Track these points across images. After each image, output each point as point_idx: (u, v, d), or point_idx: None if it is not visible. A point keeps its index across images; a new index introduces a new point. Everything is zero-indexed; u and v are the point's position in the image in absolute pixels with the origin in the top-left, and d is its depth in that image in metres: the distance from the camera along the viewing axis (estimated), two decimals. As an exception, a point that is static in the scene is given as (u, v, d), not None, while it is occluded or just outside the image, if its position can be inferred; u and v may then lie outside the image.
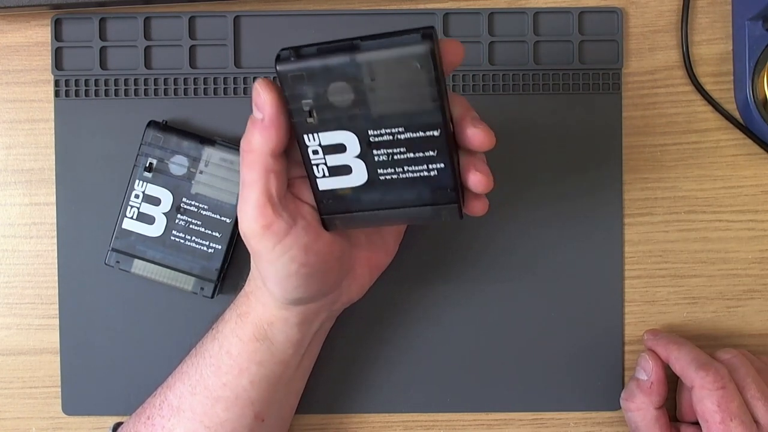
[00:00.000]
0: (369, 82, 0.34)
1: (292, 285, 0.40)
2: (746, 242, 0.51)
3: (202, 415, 0.43)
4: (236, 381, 0.43)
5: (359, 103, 0.35)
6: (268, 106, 0.36)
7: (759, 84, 0.49)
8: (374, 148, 0.36)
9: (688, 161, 0.51)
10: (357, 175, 0.37)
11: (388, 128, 0.36)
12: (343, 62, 0.34)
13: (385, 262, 0.46)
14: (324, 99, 0.35)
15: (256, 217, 0.38)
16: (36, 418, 0.51)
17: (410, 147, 0.36)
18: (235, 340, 0.43)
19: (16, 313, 0.51)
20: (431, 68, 0.34)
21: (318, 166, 0.37)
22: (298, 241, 0.39)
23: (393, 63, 0.34)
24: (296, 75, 0.35)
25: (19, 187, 0.51)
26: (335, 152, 0.37)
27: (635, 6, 0.51)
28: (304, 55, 0.35)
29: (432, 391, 0.51)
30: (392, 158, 0.37)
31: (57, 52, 0.50)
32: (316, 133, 0.36)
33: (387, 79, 0.34)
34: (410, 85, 0.34)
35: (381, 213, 0.39)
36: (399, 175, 0.37)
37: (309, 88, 0.35)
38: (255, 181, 0.37)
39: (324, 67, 0.34)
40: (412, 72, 0.34)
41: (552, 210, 0.50)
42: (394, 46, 0.34)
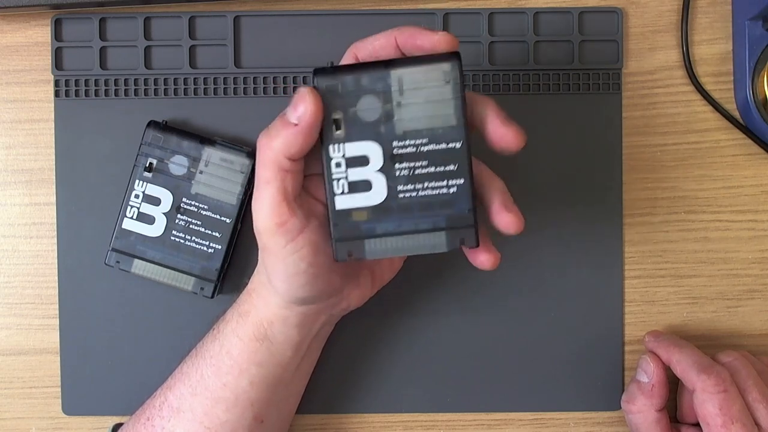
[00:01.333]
0: (398, 96, 0.37)
1: (299, 283, 0.40)
2: (746, 242, 0.51)
3: (202, 416, 0.43)
4: (236, 382, 0.43)
5: (387, 117, 0.38)
6: (309, 115, 0.36)
7: (759, 84, 0.49)
8: (396, 162, 0.38)
9: (688, 161, 0.51)
10: (376, 191, 0.38)
11: (413, 140, 0.38)
12: (376, 76, 0.37)
13: (389, 277, 0.46)
14: (354, 112, 0.38)
15: (271, 215, 0.38)
16: (36, 418, 0.51)
17: (432, 160, 0.38)
18: (235, 340, 0.43)
19: (16, 313, 0.51)
20: (457, 82, 0.37)
21: (339, 181, 0.38)
22: (310, 240, 0.39)
23: (422, 77, 0.37)
24: (331, 85, 0.37)
25: (19, 187, 0.51)
26: (358, 165, 0.38)
27: (635, 6, 0.51)
28: (341, 71, 0.38)
29: (432, 391, 0.51)
30: (413, 173, 0.38)
31: (57, 52, 0.50)
32: (341, 144, 0.38)
33: (415, 94, 0.37)
34: (436, 98, 0.37)
35: (394, 240, 0.39)
36: (418, 192, 0.38)
37: (341, 100, 0.37)
38: (271, 179, 0.38)
39: (357, 80, 0.37)
40: (439, 87, 0.37)
41: (552, 210, 0.50)
42: (425, 62, 0.37)
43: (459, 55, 0.37)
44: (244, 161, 0.48)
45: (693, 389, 0.44)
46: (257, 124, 0.50)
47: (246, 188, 0.48)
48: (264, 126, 0.50)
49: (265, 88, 0.50)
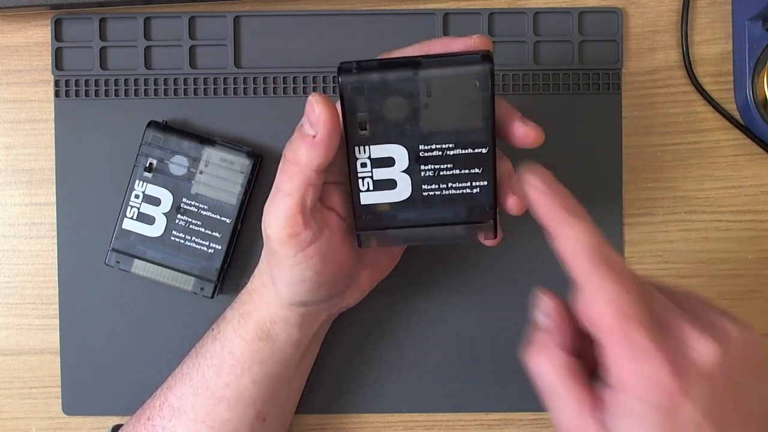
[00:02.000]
0: (425, 98, 0.36)
1: (304, 289, 0.40)
2: (746, 242, 0.51)
3: (204, 416, 0.43)
4: (238, 381, 0.43)
5: (413, 119, 0.36)
6: (323, 124, 0.36)
7: (759, 84, 0.49)
8: (422, 164, 0.37)
9: (688, 161, 0.51)
10: (401, 190, 0.38)
11: (439, 144, 0.37)
12: (403, 77, 0.35)
13: (387, 271, 0.47)
14: (379, 112, 0.36)
15: (285, 226, 0.38)
16: (36, 418, 0.51)
17: (457, 163, 0.37)
18: (237, 340, 0.43)
19: (16, 313, 0.51)
20: (488, 87, 0.35)
21: (364, 180, 0.38)
22: (320, 250, 0.39)
23: (452, 80, 0.35)
24: (356, 87, 0.36)
25: (19, 187, 0.51)
26: (383, 166, 0.37)
27: (635, 6, 0.51)
28: (366, 68, 0.36)
29: (432, 391, 0.51)
30: (438, 174, 0.38)
31: (57, 52, 0.50)
32: (367, 146, 0.37)
33: (443, 96, 0.36)
34: (465, 102, 0.36)
35: (416, 231, 0.39)
36: (442, 191, 0.38)
37: (366, 101, 0.36)
38: (293, 191, 0.37)
39: (384, 81, 0.35)
40: (469, 90, 0.35)
41: (552, 210, 0.50)
42: (455, 64, 0.35)
43: (491, 56, 0.35)
44: (244, 161, 0.48)
45: (580, 283, 0.32)
46: (257, 124, 0.50)
47: (246, 188, 0.48)
48: (264, 125, 0.50)
49: (265, 88, 0.50)
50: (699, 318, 0.33)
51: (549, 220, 0.34)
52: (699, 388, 0.30)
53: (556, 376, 0.34)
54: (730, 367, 0.31)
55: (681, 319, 0.32)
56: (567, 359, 0.34)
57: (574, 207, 0.34)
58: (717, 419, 0.31)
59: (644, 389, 0.30)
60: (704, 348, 0.31)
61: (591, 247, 0.32)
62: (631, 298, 0.31)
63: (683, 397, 0.30)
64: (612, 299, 0.31)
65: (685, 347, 0.31)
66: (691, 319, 0.32)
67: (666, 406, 0.30)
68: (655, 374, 0.30)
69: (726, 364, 0.31)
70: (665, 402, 0.30)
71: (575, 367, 0.34)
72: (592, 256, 0.32)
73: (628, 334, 0.31)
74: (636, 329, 0.31)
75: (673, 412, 0.30)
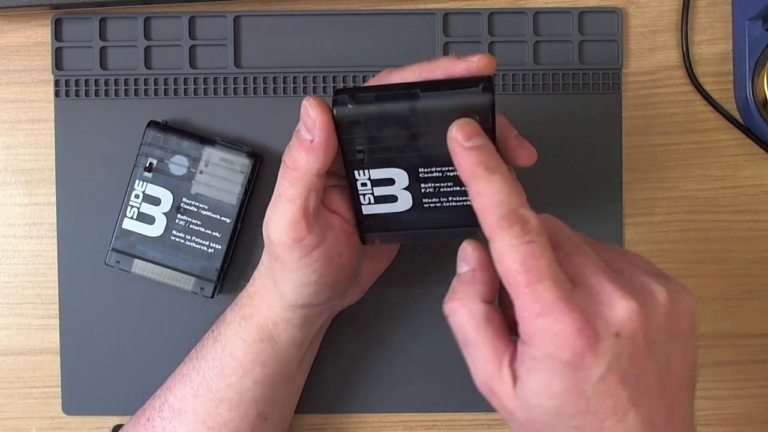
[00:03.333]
0: (424, 127, 0.35)
1: (308, 292, 0.41)
2: (746, 242, 0.51)
3: (205, 417, 0.43)
4: (240, 382, 0.43)
5: (412, 145, 0.36)
6: (319, 129, 0.36)
7: (759, 84, 0.49)
8: (422, 183, 0.37)
9: (688, 161, 0.51)
10: (402, 203, 0.38)
11: (438, 167, 0.36)
12: (401, 109, 0.34)
13: (386, 265, 0.47)
14: (377, 141, 0.36)
15: (289, 231, 0.38)
16: (36, 418, 0.51)
17: (458, 181, 0.36)
18: (239, 342, 0.43)
19: (16, 313, 0.51)
20: (489, 119, 0.34)
21: (365, 196, 0.38)
22: (324, 254, 0.39)
23: (453, 112, 0.34)
24: (352, 120, 0.35)
25: (19, 187, 0.51)
26: (384, 185, 0.37)
27: (635, 6, 0.51)
28: (362, 101, 0.35)
29: (432, 391, 0.51)
30: (439, 190, 0.37)
31: (57, 52, 0.50)
32: (366, 170, 0.37)
33: (444, 126, 0.34)
34: None
35: (419, 233, 0.40)
36: (443, 204, 0.38)
37: (363, 131, 0.35)
38: (295, 197, 0.37)
39: (381, 114, 0.35)
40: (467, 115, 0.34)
41: (552, 210, 0.50)
42: (455, 96, 0.34)
43: (492, 85, 0.34)
44: (244, 161, 0.48)
45: (490, 238, 0.32)
46: (257, 124, 0.50)
47: (246, 188, 0.48)
48: (264, 126, 0.50)
49: (265, 88, 0.50)
50: (626, 278, 0.32)
51: (465, 176, 0.33)
52: (612, 347, 0.30)
53: (473, 327, 0.33)
54: (649, 329, 0.31)
55: (603, 277, 0.31)
56: (485, 309, 0.33)
57: (491, 163, 0.33)
58: (629, 379, 0.30)
59: (550, 344, 0.30)
60: (622, 307, 0.30)
61: (501, 203, 0.32)
62: (541, 253, 0.31)
63: (591, 354, 0.30)
64: (520, 254, 0.31)
65: (601, 305, 0.31)
66: (615, 278, 0.31)
67: (572, 362, 0.30)
68: (561, 329, 0.30)
69: (645, 325, 0.31)
70: (571, 357, 0.30)
71: (493, 318, 0.33)
72: (500, 212, 0.32)
73: (536, 288, 0.30)
74: (544, 284, 0.30)
75: (580, 368, 0.30)
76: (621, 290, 0.31)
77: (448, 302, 0.34)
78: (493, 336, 0.33)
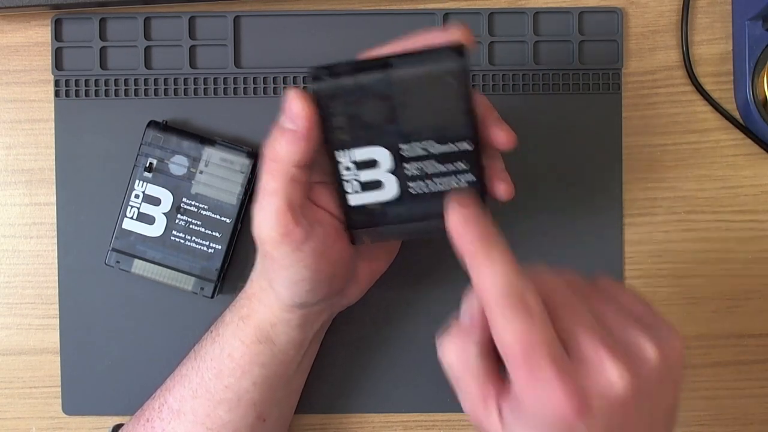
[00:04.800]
0: (401, 98, 0.35)
1: (302, 289, 0.40)
2: (746, 242, 0.51)
3: (204, 418, 0.43)
4: (239, 383, 0.43)
5: (391, 119, 0.36)
6: (301, 119, 0.36)
7: (759, 84, 0.49)
8: (406, 162, 0.37)
9: (688, 161, 0.51)
10: (388, 189, 0.38)
11: (420, 141, 0.36)
12: (377, 79, 0.35)
13: (386, 266, 0.46)
14: (357, 116, 0.36)
15: (275, 225, 0.38)
16: (36, 418, 0.51)
17: (442, 160, 0.37)
18: (237, 343, 0.43)
19: (16, 313, 0.51)
20: (465, 82, 0.35)
21: (350, 182, 0.38)
22: (314, 248, 0.39)
23: (426, 79, 0.34)
24: (330, 93, 0.35)
25: (19, 187, 0.51)
26: (367, 168, 0.37)
27: (635, 6, 0.51)
28: (338, 74, 0.35)
29: (432, 391, 0.51)
30: (423, 171, 0.37)
31: (57, 52, 0.50)
32: (348, 150, 0.37)
33: (420, 95, 0.35)
34: (443, 99, 0.35)
35: (408, 226, 0.39)
36: (429, 188, 0.38)
37: (342, 106, 0.35)
38: (277, 190, 0.37)
39: (357, 85, 0.35)
40: (445, 87, 0.35)
41: (552, 210, 0.50)
42: (428, 62, 0.34)
43: (464, 49, 0.34)
44: (244, 161, 0.48)
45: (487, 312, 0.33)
46: (257, 124, 0.50)
47: (246, 188, 0.48)
48: (264, 126, 0.50)
49: (265, 88, 0.50)
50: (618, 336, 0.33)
51: (465, 255, 0.34)
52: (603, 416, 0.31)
53: (463, 367, 0.34)
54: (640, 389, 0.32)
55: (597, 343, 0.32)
56: (476, 350, 0.34)
57: (490, 242, 0.33)
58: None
59: (541, 408, 0.31)
60: (614, 374, 0.31)
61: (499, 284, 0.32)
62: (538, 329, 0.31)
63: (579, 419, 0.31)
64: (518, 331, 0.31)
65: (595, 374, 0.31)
66: (607, 341, 0.32)
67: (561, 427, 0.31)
68: (554, 400, 0.31)
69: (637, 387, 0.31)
70: (560, 423, 0.31)
71: (484, 359, 0.34)
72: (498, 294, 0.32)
73: (532, 363, 0.31)
74: (540, 359, 0.31)
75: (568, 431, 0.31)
76: (613, 356, 0.32)
77: (442, 345, 0.35)
78: (484, 378, 0.34)
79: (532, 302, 0.32)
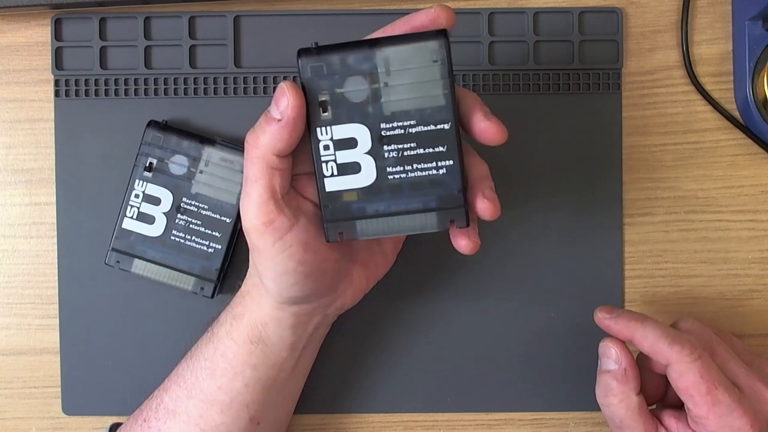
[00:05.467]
0: (385, 76, 0.37)
1: (289, 282, 0.40)
2: (746, 242, 0.51)
3: (197, 419, 0.43)
4: (231, 384, 0.43)
5: (374, 98, 0.37)
6: (290, 108, 0.36)
7: (759, 84, 0.49)
8: (385, 144, 0.38)
9: (688, 161, 0.51)
10: (366, 173, 0.38)
11: (401, 122, 0.37)
12: (362, 56, 0.37)
13: (383, 271, 0.46)
14: (340, 93, 0.37)
15: (258, 213, 0.38)
16: (36, 418, 0.51)
17: (420, 142, 0.37)
18: (229, 342, 0.43)
19: (16, 313, 0.51)
20: (446, 62, 0.36)
21: (327, 164, 0.38)
22: (299, 238, 0.39)
23: (409, 56, 0.36)
24: (316, 66, 0.37)
25: (19, 187, 0.51)
26: (346, 147, 0.38)
27: (635, 6, 0.51)
28: (325, 50, 0.37)
29: (432, 391, 0.51)
30: (402, 154, 0.38)
31: (57, 52, 0.50)
32: (329, 127, 0.37)
33: (402, 74, 0.37)
34: (424, 79, 0.37)
35: (386, 221, 0.39)
36: (407, 174, 0.38)
37: (327, 81, 0.37)
38: (259, 177, 0.38)
39: (343, 61, 0.37)
40: (426, 66, 0.37)
41: (552, 210, 0.50)
42: (411, 41, 0.37)
43: (446, 33, 0.37)
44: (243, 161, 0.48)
45: (667, 363, 0.41)
46: (257, 124, 0.50)
47: (246, 188, 0.48)
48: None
49: (265, 88, 0.50)
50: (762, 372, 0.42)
51: (625, 333, 0.43)
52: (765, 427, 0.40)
53: (631, 416, 0.42)
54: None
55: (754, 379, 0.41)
56: (638, 400, 0.42)
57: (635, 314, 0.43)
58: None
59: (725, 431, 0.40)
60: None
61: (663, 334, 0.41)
62: (711, 364, 0.40)
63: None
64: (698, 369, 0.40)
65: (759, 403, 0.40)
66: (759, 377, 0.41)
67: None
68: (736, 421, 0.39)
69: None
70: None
71: (643, 405, 0.42)
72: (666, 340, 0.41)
73: (715, 395, 0.39)
74: (720, 390, 0.39)
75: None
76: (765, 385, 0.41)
77: (607, 397, 0.42)
78: (645, 421, 0.42)
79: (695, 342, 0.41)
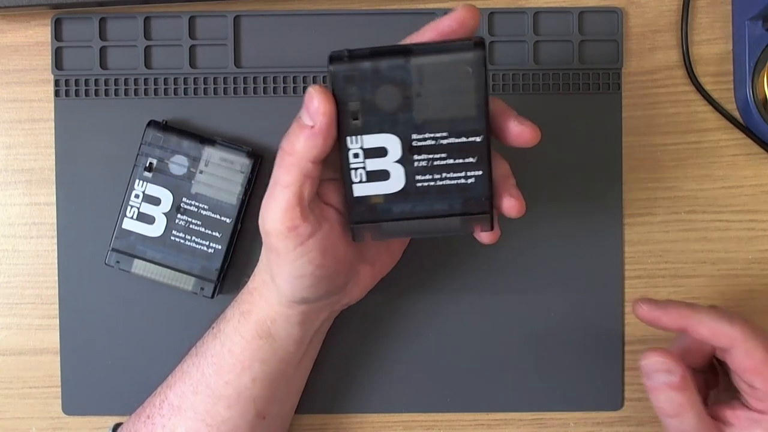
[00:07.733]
0: (418, 86, 0.36)
1: (303, 285, 0.40)
2: (746, 242, 0.51)
3: (204, 414, 0.43)
4: (238, 379, 0.43)
5: (405, 108, 0.36)
6: (322, 115, 0.36)
7: (759, 84, 0.49)
8: (415, 153, 0.37)
9: (688, 161, 0.51)
10: (394, 181, 0.38)
11: (432, 133, 0.37)
12: (395, 65, 0.35)
13: (389, 267, 0.46)
14: (372, 101, 0.36)
15: (283, 219, 0.38)
16: (36, 418, 0.51)
17: (451, 153, 0.37)
18: (237, 338, 0.43)
19: (16, 313, 0.51)
20: (482, 74, 0.35)
21: (357, 171, 0.38)
22: (319, 245, 0.39)
23: (444, 67, 0.35)
24: (348, 75, 0.36)
25: (19, 187, 0.51)
26: (376, 156, 0.37)
27: (635, 6, 0.51)
28: (357, 57, 0.35)
29: (432, 391, 0.51)
30: (432, 164, 0.37)
31: (57, 52, 0.50)
32: (359, 136, 0.37)
33: (436, 84, 0.35)
34: (458, 90, 0.36)
35: (411, 223, 0.39)
36: (436, 182, 0.38)
37: (358, 90, 0.36)
38: (291, 184, 0.37)
39: (375, 69, 0.35)
40: (462, 77, 0.35)
41: (552, 210, 0.50)
42: (447, 51, 0.35)
43: (484, 43, 0.35)
44: (244, 161, 0.48)
45: (731, 345, 0.39)
46: (257, 124, 0.50)
47: (246, 188, 0.48)
48: (264, 125, 0.50)
49: (265, 88, 0.50)
50: None
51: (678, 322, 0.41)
52: None
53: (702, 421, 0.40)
54: None
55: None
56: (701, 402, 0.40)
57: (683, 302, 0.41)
58: None
59: None
60: None
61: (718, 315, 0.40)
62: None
63: None
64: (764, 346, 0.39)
65: None
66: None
67: None
68: None
69: None
70: None
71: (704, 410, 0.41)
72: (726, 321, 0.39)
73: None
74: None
75: None
76: None
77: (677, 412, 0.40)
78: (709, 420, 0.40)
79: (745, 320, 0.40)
